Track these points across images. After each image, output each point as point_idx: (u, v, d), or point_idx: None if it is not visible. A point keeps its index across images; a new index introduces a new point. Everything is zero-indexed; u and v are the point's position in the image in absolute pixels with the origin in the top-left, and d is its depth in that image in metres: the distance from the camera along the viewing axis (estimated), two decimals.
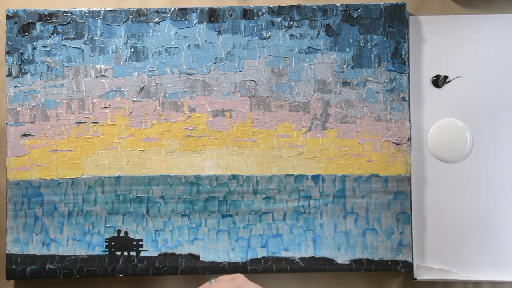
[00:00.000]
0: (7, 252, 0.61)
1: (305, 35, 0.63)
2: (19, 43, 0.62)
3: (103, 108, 0.63)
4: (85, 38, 0.63)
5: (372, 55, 0.63)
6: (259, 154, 0.63)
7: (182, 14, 0.63)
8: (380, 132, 0.63)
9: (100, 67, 0.63)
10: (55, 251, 0.61)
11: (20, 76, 0.62)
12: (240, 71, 0.63)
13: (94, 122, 0.62)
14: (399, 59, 0.63)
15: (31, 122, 0.62)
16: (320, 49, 0.63)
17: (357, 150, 0.63)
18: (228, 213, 0.62)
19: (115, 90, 0.63)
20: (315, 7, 0.63)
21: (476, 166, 0.63)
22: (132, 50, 0.63)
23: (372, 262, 0.62)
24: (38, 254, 0.61)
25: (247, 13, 0.63)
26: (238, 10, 0.63)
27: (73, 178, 0.62)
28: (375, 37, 0.63)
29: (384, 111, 0.63)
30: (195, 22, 0.63)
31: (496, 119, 0.63)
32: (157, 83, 0.63)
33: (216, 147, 0.62)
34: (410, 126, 0.63)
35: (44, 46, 0.63)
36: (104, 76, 0.63)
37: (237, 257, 0.62)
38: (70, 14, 0.63)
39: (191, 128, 0.63)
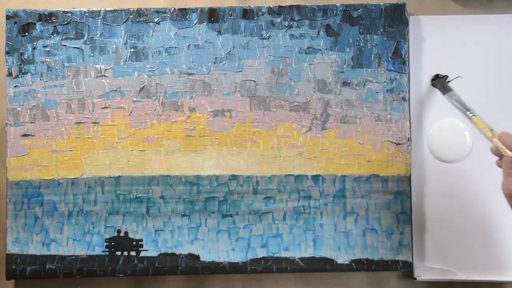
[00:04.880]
0: (7, 252, 0.61)
1: (305, 35, 0.63)
2: (19, 43, 0.62)
3: (103, 108, 0.63)
4: (85, 38, 0.63)
5: (372, 55, 0.63)
6: (259, 154, 0.63)
7: (182, 14, 0.63)
8: (380, 132, 0.63)
9: (100, 67, 0.63)
10: (55, 251, 0.61)
11: (20, 76, 0.62)
12: (240, 71, 0.63)
13: (94, 122, 0.62)
14: (399, 59, 0.63)
15: (31, 122, 0.62)
16: (320, 49, 0.63)
17: (357, 150, 0.63)
18: (228, 213, 0.62)
19: (115, 90, 0.63)
20: (315, 7, 0.63)
21: (476, 166, 0.63)
22: (132, 50, 0.63)
23: (372, 262, 0.62)
24: (38, 254, 0.61)
25: (247, 13, 0.63)
26: (238, 10, 0.63)
27: (73, 178, 0.62)
28: (375, 37, 0.63)
29: (384, 111, 0.63)
30: (195, 22, 0.63)
31: (496, 119, 0.63)
32: (157, 83, 0.63)
33: (216, 147, 0.63)
34: (410, 126, 0.63)
35: (44, 46, 0.63)
36: (104, 76, 0.63)
37: (237, 257, 0.62)
38: (70, 14, 0.63)
39: (191, 128, 0.63)
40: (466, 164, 0.63)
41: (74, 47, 0.63)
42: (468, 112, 0.56)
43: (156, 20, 0.63)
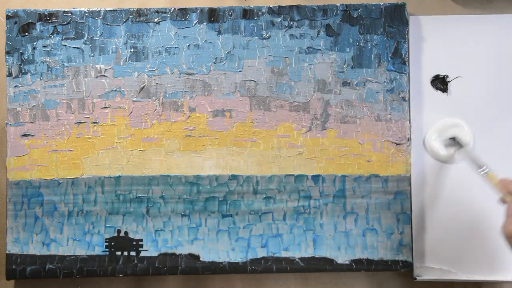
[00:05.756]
0: (7, 252, 0.61)
1: (305, 35, 0.63)
2: (19, 43, 0.62)
3: (103, 108, 0.63)
4: (85, 38, 0.63)
5: (372, 55, 0.63)
6: (259, 154, 0.63)
7: (182, 14, 0.63)
8: (380, 132, 0.63)
9: (100, 67, 0.63)
10: (55, 251, 0.61)
11: (20, 76, 0.62)
12: (240, 71, 0.63)
13: (94, 122, 0.62)
14: (399, 59, 0.63)
15: (31, 122, 0.62)
16: (320, 49, 0.63)
17: (357, 150, 0.63)
18: (228, 213, 0.62)
19: (115, 90, 0.63)
20: (315, 7, 0.63)
21: None
22: (132, 50, 0.63)
23: (372, 262, 0.62)
24: (38, 254, 0.61)
25: (247, 13, 0.63)
26: (238, 10, 0.63)
27: (73, 178, 0.62)
28: (375, 37, 0.63)
29: (384, 111, 0.63)
30: (195, 22, 0.63)
31: (496, 118, 0.63)
32: (157, 83, 0.63)
33: (216, 147, 0.62)
34: (410, 126, 0.63)
35: (44, 46, 0.63)
36: (104, 76, 0.63)
37: (237, 257, 0.62)
38: (70, 14, 0.63)
39: (191, 128, 0.63)
40: (466, 165, 0.63)
41: (74, 47, 0.63)
42: (480, 170, 0.56)
43: (156, 20, 0.63)
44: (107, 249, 0.62)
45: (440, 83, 0.63)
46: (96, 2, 0.66)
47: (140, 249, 0.62)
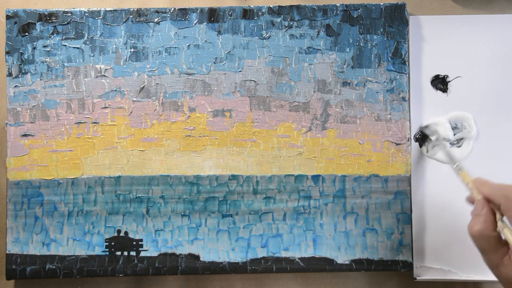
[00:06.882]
0: (7, 252, 0.61)
1: (305, 35, 0.63)
2: (19, 43, 0.62)
3: (103, 108, 0.63)
4: (85, 38, 0.63)
5: (372, 55, 0.63)
6: (259, 154, 0.63)
7: (182, 14, 0.63)
8: (380, 132, 0.63)
9: (100, 67, 0.63)
10: (55, 251, 0.62)
11: (20, 76, 0.62)
12: (240, 71, 0.63)
13: (94, 122, 0.62)
14: (399, 59, 0.63)
15: (31, 122, 0.62)
16: (320, 49, 0.63)
17: (357, 150, 0.63)
18: (228, 213, 0.62)
19: (115, 90, 0.63)
20: (315, 7, 0.63)
21: (476, 166, 0.63)
22: (132, 50, 0.63)
23: (372, 262, 0.62)
24: (38, 254, 0.61)
25: (247, 13, 0.63)
26: (238, 10, 0.63)
27: (73, 178, 0.62)
28: (375, 37, 0.63)
29: (384, 111, 0.63)
30: (195, 22, 0.63)
31: (496, 119, 0.63)
32: (157, 83, 0.63)
33: (216, 147, 0.63)
34: (410, 126, 0.63)
35: (44, 46, 0.63)
36: (104, 76, 0.63)
37: (237, 257, 0.62)
38: (70, 14, 0.63)
39: (191, 128, 0.63)
40: (466, 164, 0.63)
41: (74, 47, 0.63)
42: (455, 165, 0.55)
43: (156, 20, 0.63)
44: (107, 249, 0.62)
45: (440, 83, 0.63)
46: (96, 2, 0.66)
47: (140, 249, 0.62)
